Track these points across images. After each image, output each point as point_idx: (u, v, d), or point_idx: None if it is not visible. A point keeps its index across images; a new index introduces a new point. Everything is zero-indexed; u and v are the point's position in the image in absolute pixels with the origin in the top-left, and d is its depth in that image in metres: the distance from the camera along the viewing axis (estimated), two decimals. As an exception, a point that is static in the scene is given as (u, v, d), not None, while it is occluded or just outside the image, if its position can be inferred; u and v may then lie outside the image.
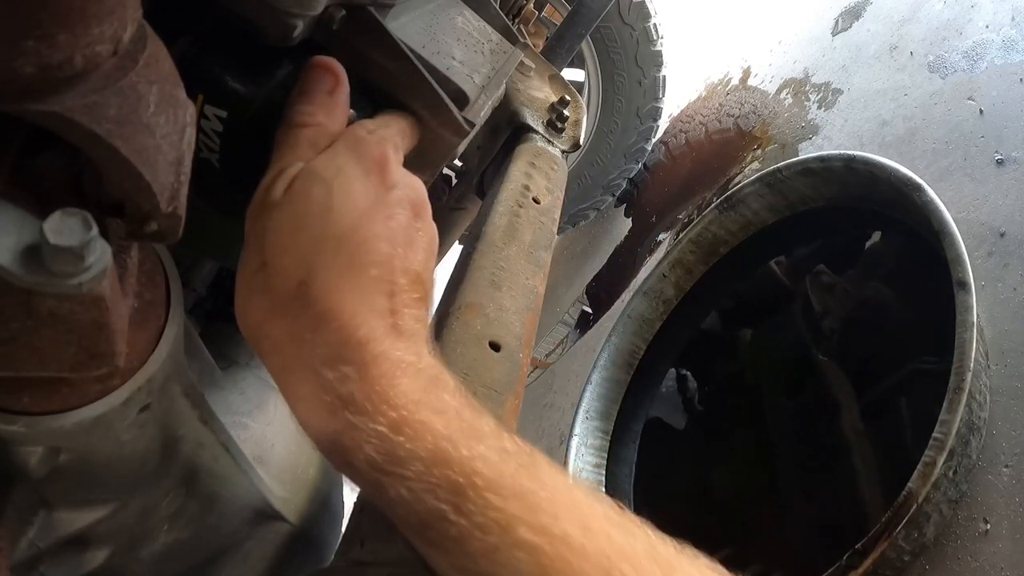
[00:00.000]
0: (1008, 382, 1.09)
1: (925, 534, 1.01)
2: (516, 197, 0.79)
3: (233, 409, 0.68)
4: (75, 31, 0.26)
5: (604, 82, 2.16)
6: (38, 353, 0.32)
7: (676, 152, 2.52)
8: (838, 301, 1.40)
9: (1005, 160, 1.34)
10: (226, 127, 0.48)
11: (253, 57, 0.48)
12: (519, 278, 0.71)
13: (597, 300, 2.44)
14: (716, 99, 2.54)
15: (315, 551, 0.68)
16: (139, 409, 0.41)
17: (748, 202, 1.57)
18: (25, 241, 0.28)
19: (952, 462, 0.96)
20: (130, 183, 0.31)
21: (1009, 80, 1.47)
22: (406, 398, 0.37)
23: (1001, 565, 0.96)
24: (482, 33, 0.74)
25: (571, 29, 1.46)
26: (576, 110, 0.98)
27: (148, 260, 0.42)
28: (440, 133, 0.54)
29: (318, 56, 0.47)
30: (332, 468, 0.76)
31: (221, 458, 0.55)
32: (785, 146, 2.02)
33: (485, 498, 0.35)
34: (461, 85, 0.60)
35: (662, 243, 2.27)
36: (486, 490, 0.35)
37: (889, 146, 1.64)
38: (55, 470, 0.40)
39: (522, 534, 0.35)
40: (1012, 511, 0.99)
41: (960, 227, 1.07)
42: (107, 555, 0.50)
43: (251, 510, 0.60)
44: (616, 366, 1.69)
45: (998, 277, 1.20)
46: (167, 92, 0.33)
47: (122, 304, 0.35)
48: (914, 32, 1.85)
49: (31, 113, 0.28)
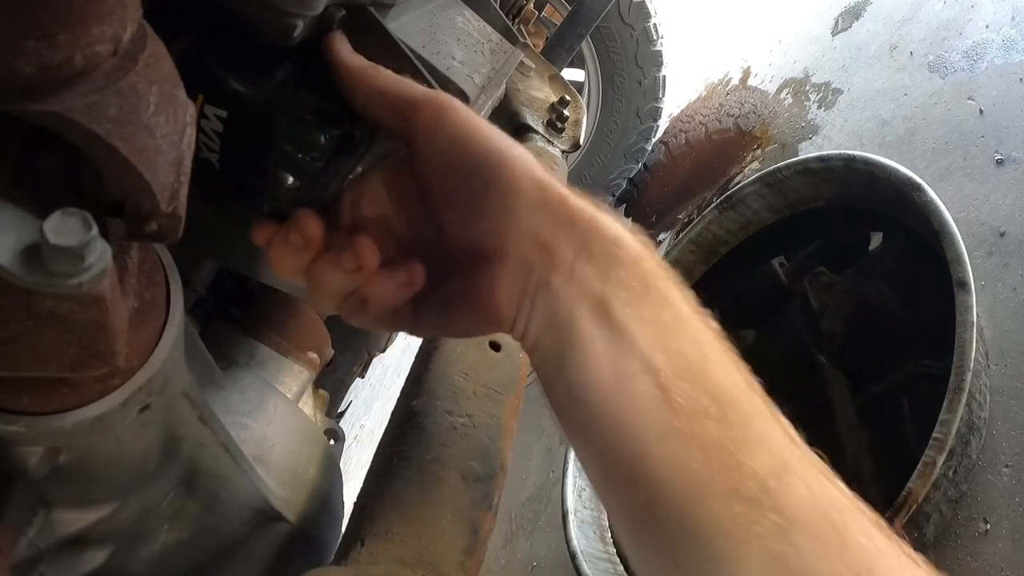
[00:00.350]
0: (1008, 382, 1.09)
1: (925, 534, 1.01)
2: (516, 197, 0.79)
3: (233, 409, 0.68)
4: (75, 31, 0.26)
5: (604, 82, 2.16)
6: (38, 353, 0.32)
7: (676, 152, 2.52)
8: (838, 300, 1.40)
9: (1005, 160, 1.34)
10: (226, 127, 0.48)
11: (253, 57, 0.48)
12: (519, 278, 0.70)
13: (597, 300, 2.43)
14: (716, 99, 2.55)
15: (315, 551, 0.68)
16: (139, 409, 0.41)
17: (748, 202, 1.57)
18: (25, 241, 0.28)
19: (952, 462, 0.96)
20: (130, 183, 0.31)
21: (1009, 80, 1.47)
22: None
23: (1001, 565, 0.96)
24: (482, 33, 0.74)
25: (571, 29, 1.46)
26: (576, 110, 0.98)
27: (148, 260, 0.42)
28: (440, 133, 0.54)
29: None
30: (335, 470, 0.76)
31: (221, 458, 0.55)
32: (785, 146, 2.02)
33: (743, 412, 0.35)
34: (461, 85, 0.60)
35: (662, 243, 2.27)
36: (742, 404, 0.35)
37: (889, 146, 1.64)
38: (55, 470, 0.40)
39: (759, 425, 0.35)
40: (1012, 511, 0.99)
41: (960, 227, 1.07)
42: (107, 555, 0.50)
43: (251, 510, 0.60)
44: (616, 366, 1.69)
45: (998, 277, 1.20)
46: (167, 92, 0.33)
47: (122, 304, 0.35)
48: (914, 32, 1.85)
49: (31, 113, 0.28)
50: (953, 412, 0.94)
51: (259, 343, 0.83)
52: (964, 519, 1.03)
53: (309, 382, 0.87)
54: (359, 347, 1.25)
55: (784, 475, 0.34)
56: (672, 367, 0.36)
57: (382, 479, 0.51)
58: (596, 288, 0.37)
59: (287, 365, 0.84)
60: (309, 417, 0.80)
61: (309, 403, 0.88)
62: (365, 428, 3.01)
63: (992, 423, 1.07)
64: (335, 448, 0.88)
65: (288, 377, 0.84)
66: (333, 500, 0.74)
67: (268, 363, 0.83)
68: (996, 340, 1.14)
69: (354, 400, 2.82)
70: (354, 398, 2.81)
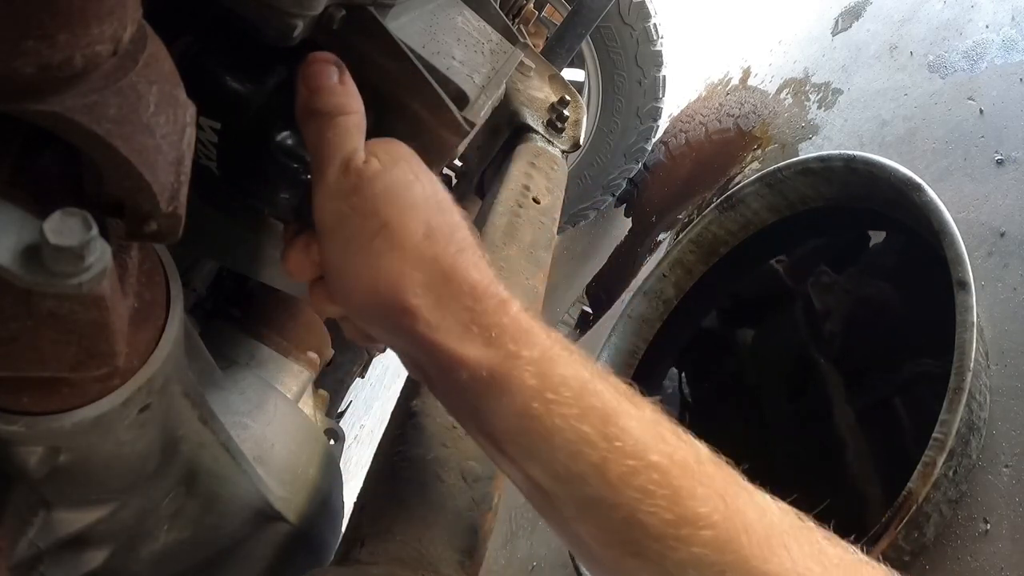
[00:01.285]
0: (1008, 382, 1.09)
1: (925, 534, 1.01)
2: (516, 197, 0.79)
3: (233, 409, 0.68)
4: (75, 31, 0.26)
5: (604, 82, 2.16)
6: (38, 353, 0.32)
7: (676, 152, 2.52)
8: (838, 299, 1.40)
9: (1005, 160, 1.34)
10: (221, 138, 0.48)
11: (253, 58, 0.48)
12: (519, 278, 0.71)
13: (597, 300, 2.44)
14: (716, 99, 2.54)
15: (315, 551, 0.68)
16: (139, 409, 0.41)
17: (748, 202, 1.57)
18: (25, 241, 0.28)
19: (952, 462, 0.96)
20: (130, 183, 0.31)
21: (1009, 80, 1.47)
22: (542, 332, 0.42)
23: (1001, 565, 0.96)
24: (482, 33, 0.74)
25: (571, 29, 1.46)
26: (576, 110, 0.98)
27: (148, 260, 0.42)
28: (440, 133, 0.54)
29: (312, 53, 0.47)
30: (335, 470, 0.76)
31: (221, 458, 0.55)
32: (785, 146, 2.02)
33: (623, 425, 0.39)
34: (461, 85, 0.60)
35: (662, 243, 2.27)
36: (623, 417, 0.40)
37: (889, 146, 1.64)
38: (55, 470, 0.40)
39: (654, 458, 0.39)
40: (1012, 511, 0.99)
41: (960, 227, 1.07)
42: (107, 555, 0.50)
43: (251, 510, 0.60)
44: (616, 366, 1.69)
45: (998, 277, 1.20)
46: (167, 92, 0.33)
47: (122, 304, 0.35)
48: (914, 32, 1.85)
49: (31, 113, 0.28)
50: (953, 412, 0.94)
51: (259, 343, 0.83)
52: (964, 519, 1.03)
53: (309, 382, 0.87)
54: (359, 347, 1.25)
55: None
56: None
57: (382, 479, 0.51)
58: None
59: (287, 365, 0.84)
60: (309, 417, 0.80)
61: (309, 403, 0.88)
62: (365, 428, 3.01)
63: (992, 423, 1.07)
64: (335, 448, 0.88)
65: (288, 377, 0.84)
66: (333, 500, 0.74)
67: (268, 363, 0.83)
68: (996, 340, 1.14)
69: (354, 400, 2.82)
70: (354, 398, 2.81)
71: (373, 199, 0.42)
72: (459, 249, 0.43)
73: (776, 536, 0.39)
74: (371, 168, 0.43)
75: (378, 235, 0.42)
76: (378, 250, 0.42)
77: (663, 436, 0.40)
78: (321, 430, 0.82)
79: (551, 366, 0.40)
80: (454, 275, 0.42)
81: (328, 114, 0.45)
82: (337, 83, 0.46)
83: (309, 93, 0.45)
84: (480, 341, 0.41)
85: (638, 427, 0.40)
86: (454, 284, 0.42)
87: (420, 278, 0.42)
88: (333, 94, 0.45)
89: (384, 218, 0.42)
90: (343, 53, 0.48)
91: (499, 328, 0.41)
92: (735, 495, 0.40)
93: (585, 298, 2.49)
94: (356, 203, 0.43)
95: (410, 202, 0.43)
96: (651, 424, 0.41)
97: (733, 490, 0.40)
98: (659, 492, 0.38)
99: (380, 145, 0.46)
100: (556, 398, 0.40)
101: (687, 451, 0.41)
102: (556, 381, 0.40)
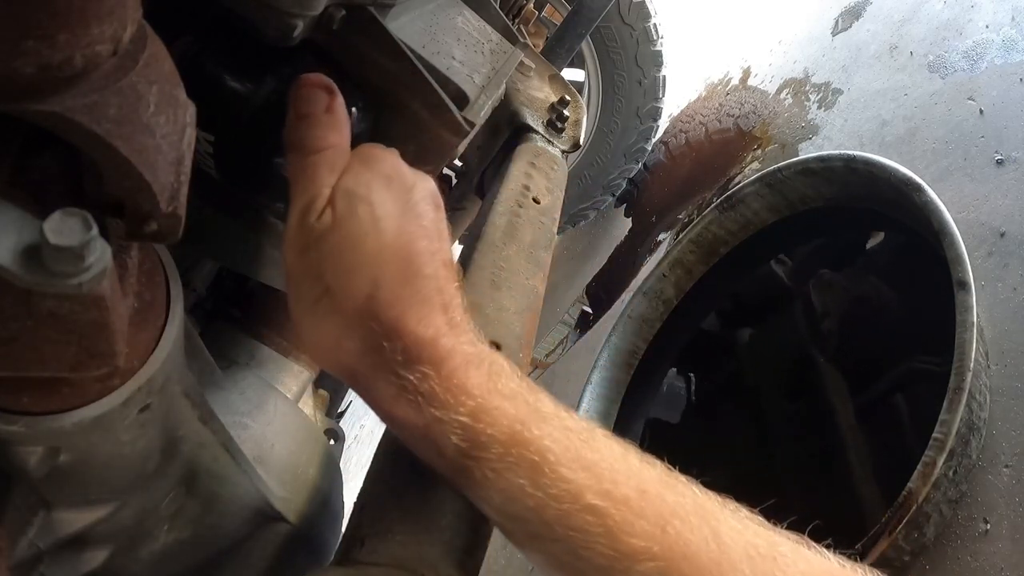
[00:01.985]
0: (1008, 382, 1.09)
1: (925, 534, 1.01)
2: (516, 197, 0.79)
3: (233, 409, 0.68)
4: (75, 31, 0.26)
5: (604, 82, 2.16)
6: (38, 353, 0.32)
7: (676, 152, 2.52)
8: (835, 297, 1.40)
9: (1005, 160, 1.34)
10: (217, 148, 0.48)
11: (245, 66, 0.49)
12: (519, 278, 0.71)
13: (597, 300, 2.44)
14: (716, 99, 2.55)
15: (315, 551, 0.68)
16: (139, 409, 0.41)
17: (748, 202, 1.57)
18: (25, 241, 0.28)
19: (952, 462, 0.96)
20: (130, 183, 0.31)
21: (1009, 80, 1.47)
22: (480, 388, 0.42)
23: (1001, 565, 0.96)
24: (482, 33, 0.74)
25: (571, 29, 1.46)
26: (576, 110, 0.98)
27: (148, 260, 0.42)
28: (440, 133, 0.54)
29: (304, 76, 0.47)
30: (335, 470, 0.77)
31: (221, 458, 0.55)
32: (785, 146, 2.02)
33: (557, 471, 0.40)
34: (461, 85, 0.60)
35: (662, 243, 2.27)
36: (557, 464, 0.40)
37: (889, 146, 1.64)
38: (55, 470, 0.40)
39: (589, 499, 0.40)
40: (1012, 511, 0.99)
41: (960, 227, 1.07)
42: (107, 555, 0.50)
43: (251, 510, 0.60)
44: (616, 366, 1.69)
45: (998, 277, 1.20)
46: (167, 92, 0.33)
47: (122, 304, 0.35)
48: (914, 32, 1.85)
49: (31, 113, 0.28)
50: (953, 412, 0.94)
51: (259, 343, 0.83)
52: (964, 519, 1.03)
53: (309, 382, 0.87)
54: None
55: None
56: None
57: (382, 479, 0.51)
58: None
59: (287, 365, 0.84)
60: (309, 417, 0.80)
61: (309, 403, 0.88)
62: (365, 428, 3.01)
63: (992, 423, 1.07)
64: (335, 448, 0.88)
65: (288, 377, 0.84)
66: (333, 500, 0.74)
67: (268, 363, 0.83)
68: (996, 340, 1.14)
69: (354, 400, 2.82)
70: (354, 398, 2.81)
71: (319, 262, 0.42)
72: (407, 306, 0.42)
73: (727, 562, 0.39)
74: (322, 224, 0.43)
75: (321, 299, 0.42)
76: (321, 312, 0.43)
77: (602, 474, 0.41)
78: (321, 430, 0.82)
79: (481, 425, 0.41)
80: (392, 337, 0.41)
81: (304, 149, 0.45)
82: (322, 112, 0.45)
83: (295, 119, 0.45)
84: (410, 407, 0.41)
85: (574, 471, 0.40)
86: (387, 350, 0.42)
87: (355, 346, 0.42)
88: (314, 125, 0.45)
89: (327, 283, 0.42)
90: (343, 53, 0.48)
91: (427, 395, 0.41)
92: (680, 525, 0.40)
93: (585, 298, 2.49)
94: (306, 263, 0.43)
95: (356, 263, 0.42)
96: (592, 463, 0.41)
97: (678, 520, 0.40)
98: (594, 531, 0.39)
99: (349, 178, 0.44)
100: (483, 456, 0.41)
101: (631, 485, 0.41)
102: (483, 440, 0.41)
